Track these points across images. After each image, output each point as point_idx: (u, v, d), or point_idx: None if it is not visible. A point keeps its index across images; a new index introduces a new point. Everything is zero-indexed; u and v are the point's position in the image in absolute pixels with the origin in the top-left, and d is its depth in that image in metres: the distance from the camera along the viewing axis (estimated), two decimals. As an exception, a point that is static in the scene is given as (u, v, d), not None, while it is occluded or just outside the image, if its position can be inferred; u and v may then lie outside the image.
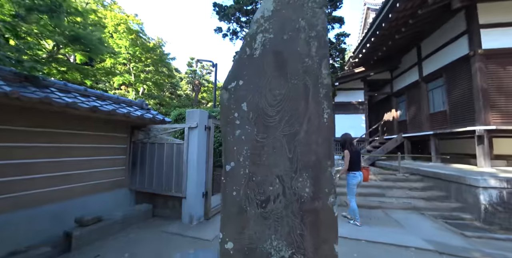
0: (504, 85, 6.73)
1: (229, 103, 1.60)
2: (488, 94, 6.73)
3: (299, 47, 1.43)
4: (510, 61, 6.72)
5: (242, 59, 1.58)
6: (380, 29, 8.69)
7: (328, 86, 1.37)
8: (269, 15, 1.52)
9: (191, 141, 4.18)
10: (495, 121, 6.65)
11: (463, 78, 7.47)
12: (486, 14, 6.94)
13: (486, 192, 4.88)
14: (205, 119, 4.37)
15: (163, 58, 19.36)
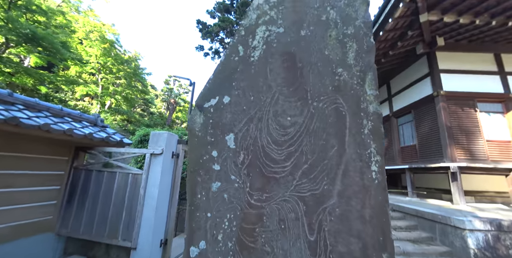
0: (464, 125, 7.19)
1: (203, 133, 0.95)
2: (452, 133, 7.08)
3: (327, 50, 0.88)
4: (467, 103, 7.34)
5: (231, 63, 0.99)
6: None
7: (377, 117, 0.81)
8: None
9: (153, 171, 3.30)
10: (460, 158, 6.89)
11: (429, 116, 7.89)
12: (445, 61, 7.72)
13: (473, 235, 4.58)
14: (174, 144, 3.57)
15: (137, 73, 18.32)
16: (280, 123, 0.86)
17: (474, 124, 7.07)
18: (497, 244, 4.53)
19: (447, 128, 7.09)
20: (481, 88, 7.27)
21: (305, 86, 0.86)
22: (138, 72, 18.56)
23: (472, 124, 7.08)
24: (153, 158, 3.34)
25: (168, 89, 24.53)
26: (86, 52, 14.52)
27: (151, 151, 3.31)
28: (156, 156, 3.32)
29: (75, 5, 15.34)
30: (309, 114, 0.84)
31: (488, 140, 6.94)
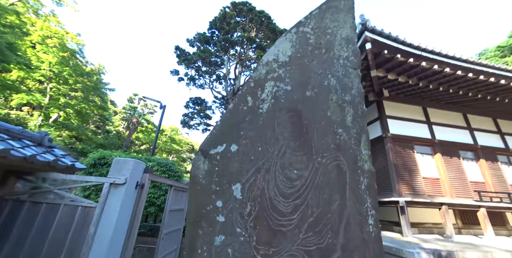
0: (406, 163, 8.36)
1: (207, 181, 0.93)
2: (399, 170, 8.12)
3: (329, 111, 1.01)
4: (407, 145, 8.68)
5: (239, 112, 1.05)
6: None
7: (371, 175, 0.93)
8: (285, 60, 1.13)
9: (110, 204, 2.85)
10: (406, 193, 7.80)
11: (381, 154, 8.97)
12: (390, 109, 9.24)
13: None
14: (139, 173, 3.22)
15: (98, 87, 16.94)
16: (287, 176, 0.91)
17: (414, 163, 8.21)
18: None
19: (394, 166, 8.04)
20: (416, 133, 8.69)
21: (310, 142, 0.95)
22: (99, 86, 17.21)
23: (412, 163, 8.21)
24: (113, 189, 2.94)
25: (131, 107, 22.95)
26: (37, 57, 13.05)
27: (112, 180, 2.93)
28: (117, 186, 2.93)
29: (34, 7, 14.28)
30: (314, 169, 0.91)
31: (424, 177, 8.06)
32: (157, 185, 5.62)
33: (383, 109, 9.03)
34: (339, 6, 1.29)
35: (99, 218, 2.78)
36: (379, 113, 9.10)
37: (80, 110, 15.93)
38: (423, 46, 6.84)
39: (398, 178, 7.92)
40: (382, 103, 9.11)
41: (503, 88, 7.78)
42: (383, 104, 9.08)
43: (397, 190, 7.72)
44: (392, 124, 8.83)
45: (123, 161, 3.13)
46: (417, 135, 8.80)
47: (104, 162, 5.49)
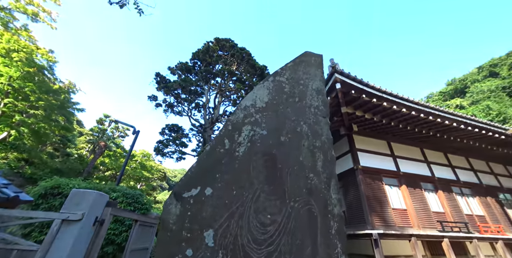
0: (377, 195, 8.72)
1: (178, 227, 0.90)
2: (370, 202, 8.38)
3: (301, 156, 1.09)
4: (376, 177, 9.19)
5: (216, 154, 1.08)
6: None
7: (340, 219, 0.98)
8: (262, 106, 1.23)
9: (59, 245, 2.40)
10: (378, 225, 7.94)
11: (353, 186, 9.28)
12: (359, 143, 9.96)
13: None
14: (100, 207, 2.86)
15: (65, 106, 15.81)
16: (261, 221, 0.92)
17: (383, 194, 8.58)
18: None
19: (366, 197, 8.29)
20: (383, 166, 9.30)
21: (283, 186, 1.00)
22: (65, 105, 16.11)
23: (382, 195, 8.57)
24: (65, 226, 2.55)
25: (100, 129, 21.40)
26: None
27: (65, 216, 2.56)
28: (71, 224, 2.56)
29: (4, 19, 13.84)
30: (287, 214, 0.94)
31: (393, 208, 8.37)
32: (120, 220, 5.00)
33: (353, 143, 9.65)
34: (310, 61, 1.50)
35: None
36: (350, 147, 9.68)
37: (38, 130, 14.45)
38: (383, 89, 7.83)
39: (370, 209, 8.11)
40: (352, 137, 9.78)
41: (448, 127, 8.98)
42: (353, 138, 9.74)
43: (370, 222, 7.83)
44: (362, 157, 9.38)
45: (83, 193, 2.80)
46: (384, 167, 9.40)
47: (58, 192, 4.83)
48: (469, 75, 48.11)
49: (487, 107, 33.40)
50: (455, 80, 50.24)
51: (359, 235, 7.84)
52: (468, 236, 8.06)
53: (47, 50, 15.27)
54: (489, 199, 10.54)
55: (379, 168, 9.28)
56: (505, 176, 12.48)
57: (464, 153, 11.62)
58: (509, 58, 41.78)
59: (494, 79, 41.35)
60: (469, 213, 9.62)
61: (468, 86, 44.21)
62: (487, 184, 11.19)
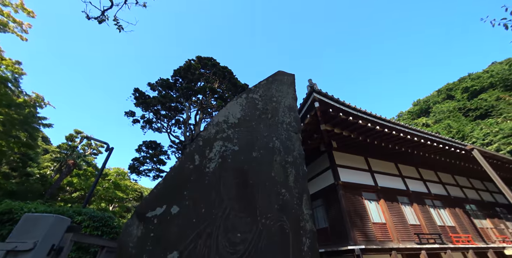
0: (358, 210, 8.86)
1: (138, 251, 0.82)
2: (352, 217, 8.46)
3: (273, 171, 1.10)
4: (356, 192, 9.40)
5: (185, 170, 1.04)
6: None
7: (313, 235, 0.96)
8: (234, 122, 1.24)
9: None
10: (360, 240, 7.95)
11: (335, 201, 9.36)
12: (339, 158, 10.30)
13: None
14: (59, 233, 2.52)
15: (29, 121, 14.57)
16: (230, 241, 0.87)
17: (363, 209, 8.72)
18: None
19: (347, 212, 8.36)
20: (362, 181, 9.59)
21: (254, 203, 0.98)
22: (30, 120, 14.87)
23: (362, 209, 8.70)
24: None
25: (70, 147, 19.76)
26: None
27: (11, 247, 2.21)
28: (19, 254, 2.21)
29: None
30: (257, 232, 0.91)
31: (373, 222, 8.49)
32: (83, 247, 4.44)
33: (333, 159, 9.92)
34: (283, 80, 1.58)
35: None
36: (330, 163, 9.93)
37: (-9, 147, 13.04)
38: (358, 108, 8.35)
39: (352, 224, 8.13)
40: (332, 153, 10.08)
41: (417, 143, 9.66)
42: (333, 154, 10.02)
43: (352, 237, 7.81)
44: (342, 172, 9.61)
45: (36, 218, 2.49)
46: (363, 182, 9.67)
47: (9, 218, 4.23)
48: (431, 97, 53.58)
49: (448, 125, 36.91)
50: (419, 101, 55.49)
51: (342, 251, 7.74)
52: (442, 247, 8.32)
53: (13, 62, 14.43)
54: (457, 210, 11.16)
55: (359, 182, 9.54)
56: (469, 188, 13.45)
57: (432, 167, 12.45)
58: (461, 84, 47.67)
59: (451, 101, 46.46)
60: (441, 224, 10.03)
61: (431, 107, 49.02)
62: (455, 195, 11.92)
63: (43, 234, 2.39)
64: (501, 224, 12.22)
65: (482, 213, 12.32)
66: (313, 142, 9.65)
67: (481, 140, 28.68)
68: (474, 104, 39.04)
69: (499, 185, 7.63)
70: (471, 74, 48.07)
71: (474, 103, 39.36)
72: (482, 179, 14.35)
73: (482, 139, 28.70)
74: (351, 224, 8.04)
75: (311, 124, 8.50)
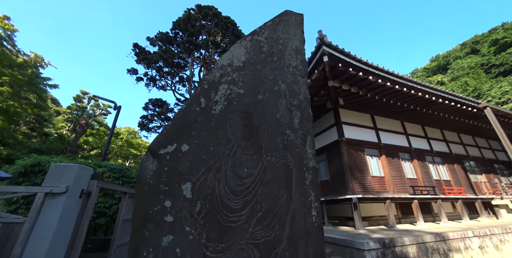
0: (358, 164, 9.34)
1: (156, 182, 0.91)
2: (352, 170, 9.00)
3: (278, 114, 1.10)
4: (359, 148, 9.72)
5: (192, 112, 1.05)
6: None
7: (315, 171, 1.03)
8: (239, 65, 1.18)
9: (45, 218, 2.43)
10: (358, 190, 8.66)
11: (337, 157, 9.81)
12: (345, 116, 10.25)
13: (369, 253, 5.48)
14: (85, 180, 2.85)
15: (34, 82, 14.56)
16: (238, 174, 0.95)
17: (364, 164, 9.17)
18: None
19: (348, 167, 8.85)
20: (366, 138, 9.77)
21: (260, 142, 1.02)
22: (35, 82, 14.85)
23: (363, 164, 9.16)
24: (50, 199, 2.55)
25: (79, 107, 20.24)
26: None
27: (48, 189, 2.54)
28: (55, 197, 2.55)
29: None
30: (263, 167, 0.97)
31: (372, 176, 9.06)
32: (109, 193, 5.05)
33: (339, 116, 9.90)
34: (290, 20, 1.42)
35: (28, 235, 2.37)
36: (335, 120, 9.95)
37: (7, 109, 13.46)
38: (370, 63, 7.80)
39: (352, 177, 8.71)
40: (338, 111, 9.99)
41: (427, 101, 9.35)
42: (339, 112, 9.95)
43: (351, 188, 8.48)
44: (346, 129, 9.73)
45: (64, 167, 2.75)
46: (367, 139, 9.87)
47: (39, 170, 4.71)
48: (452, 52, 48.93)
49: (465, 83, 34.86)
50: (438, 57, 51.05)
51: (341, 200, 8.55)
52: (434, 197, 9.02)
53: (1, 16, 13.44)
54: (456, 166, 11.61)
55: (362, 139, 9.74)
56: (472, 146, 13.63)
57: (439, 125, 12.37)
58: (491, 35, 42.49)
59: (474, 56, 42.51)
60: (437, 178, 10.63)
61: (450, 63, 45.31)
62: (456, 153, 12.21)
63: (72, 180, 2.69)
64: (496, 179, 12.86)
65: (480, 169, 12.82)
66: (320, 99, 9.48)
67: (497, 99, 27.52)
68: (500, 60, 35.86)
69: (504, 143, 7.69)
70: (505, 24, 42.41)
71: (500, 58, 36.09)
72: (488, 137, 14.39)
73: (499, 98, 27.49)
74: (351, 176, 8.61)
75: (318, 80, 8.17)
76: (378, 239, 5.92)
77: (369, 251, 5.54)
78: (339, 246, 6.48)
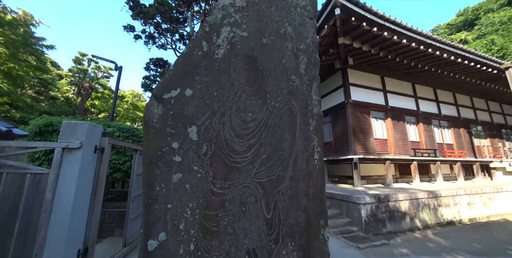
0: (363, 127, 9.37)
1: (162, 125, 0.93)
2: (356, 132, 9.10)
3: (284, 58, 1.04)
4: (365, 110, 9.59)
5: (194, 56, 1.00)
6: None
7: (319, 117, 1.03)
8: (243, 5, 1.07)
9: (66, 169, 2.66)
10: (360, 151, 8.94)
11: (342, 119, 9.79)
12: (353, 77, 9.78)
13: (364, 207, 6.03)
14: (97, 137, 2.98)
15: (29, 42, 13.95)
16: (242, 119, 0.95)
17: (368, 126, 9.21)
18: (377, 211, 6.12)
19: (352, 129, 8.92)
20: (373, 100, 9.53)
21: (264, 88, 0.99)
22: (30, 42, 14.20)
23: (367, 127, 9.19)
24: (67, 154, 2.72)
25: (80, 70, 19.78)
26: None
27: (64, 145, 2.69)
28: (72, 151, 2.72)
29: None
30: (267, 112, 0.97)
31: (375, 138, 9.19)
32: (121, 151, 5.36)
33: (347, 77, 9.48)
34: None
35: (55, 184, 2.63)
36: (343, 81, 9.58)
37: (9, 72, 13.29)
38: (386, 16, 7.00)
39: (355, 139, 8.87)
40: (347, 71, 9.52)
41: (445, 61, 8.68)
42: (347, 72, 9.49)
43: (353, 149, 8.73)
44: (354, 91, 9.46)
45: (75, 124, 2.85)
46: (374, 101, 9.64)
47: (53, 129, 4.92)
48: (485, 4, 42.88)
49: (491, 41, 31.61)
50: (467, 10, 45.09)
51: (342, 160, 8.92)
52: (433, 159, 9.29)
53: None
54: (462, 130, 11.55)
55: (369, 102, 9.54)
56: (483, 110, 13.24)
57: (453, 88, 11.81)
58: (537, -20, 36.34)
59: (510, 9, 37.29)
60: (440, 142, 10.73)
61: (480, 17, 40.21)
62: (465, 117, 11.98)
63: (84, 136, 2.81)
64: (500, 143, 12.90)
65: (486, 133, 12.75)
66: (328, 58, 8.92)
67: (523, 60, 25.34)
68: (538, 13, 31.56)
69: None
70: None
71: (539, 11, 31.70)
72: (503, 101, 13.83)
73: (526, 59, 25.28)
74: (354, 138, 8.76)
75: (327, 37, 7.53)
76: (374, 195, 6.37)
77: (364, 205, 6.06)
78: (337, 200, 7.07)
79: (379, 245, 4.92)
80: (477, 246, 4.81)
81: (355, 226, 6.06)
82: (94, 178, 2.98)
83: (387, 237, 5.54)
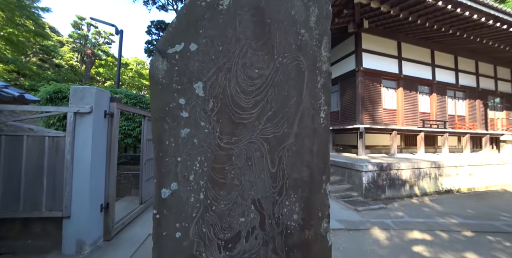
0: (372, 96, 9.05)
1: (168, 81, 0.92)
2: (364, 102, 8.85)
3: (293, 10, 0.95)
4: (376, 79, 9.12)
5: (197, 8, 0.93)
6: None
7: (328, 75, 0.99)
8: None
9: (81, 133, 2.79)
10: (366, 121, 8.85)
11: (351, 87, 9.43)
12: (367, 42, 9.03)
13: (366, 174, 6.27)
14: (105, 102, 3.03)
15: (24, 4, 13.18)
16: (248, 75, 0.93)
17: (378, 96, 8.92)
18: (378, 179, 6.38)
19: (361, 98, 8.68)
20: (386, 68, 9.00)
21: (272, 42, 0.94)
22: (25, 4, 13.41)
23: (377, 96, 8.91)
24: (79, 118, 2.82)
25: (81, 36, 18.98)
26: None
27: (75, 109, 2.77)
28: (83, 116, 2.81)
29: None
30: (274, 68, 0.94)
31: (384, 108, 8.99)
32: (130, 118, 5.51)
33: (360, 42, 8.84)
34: None
35: (72, 146, 2.80)
36: (355, 47, 8.96)
37: (9, 38, 12.91)
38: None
39: (363, 109, 8.71)
40: (361, 35, 8.82)
41: (473, 24, 7.80)
42: (361, 37, 8.81)
43: (360, 119, 8.65)
44: (366, 58, 8.92)
45: (83, 89, 2.88)
46: (386, 69, 9.13)
47: (63, 96, 5.01)
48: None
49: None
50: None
51: (348, 129, 8.94)
52: (442, 130, 9.16)
53: None
54: (478, 101, 11.05)
55: (381, 70, 9.05)
56: (506, 80, 12.39)
57: (475, 55, 10.88)
58: None
59: None
60: (452, 113, 10.42)
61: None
62: (484, 88, 11.32)
63: (93, 101, 2.86)
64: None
65: (503, 105, 12.19)
66: (341, 21, 8.18)
67: None
68: None
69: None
70: None
71: None
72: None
73: None
74: (362, 108, 8.59)
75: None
76: (377, 163, 6.54)
77: (366, 172, 6.27)
78: (339, 167, 7.32)
79: (377, 208, 5.25)
80: (471, 211, 5.08)
81: (355, 192, 6.39)
82: (107, 141, 3.14)
83: (385, 202, 5.87)
